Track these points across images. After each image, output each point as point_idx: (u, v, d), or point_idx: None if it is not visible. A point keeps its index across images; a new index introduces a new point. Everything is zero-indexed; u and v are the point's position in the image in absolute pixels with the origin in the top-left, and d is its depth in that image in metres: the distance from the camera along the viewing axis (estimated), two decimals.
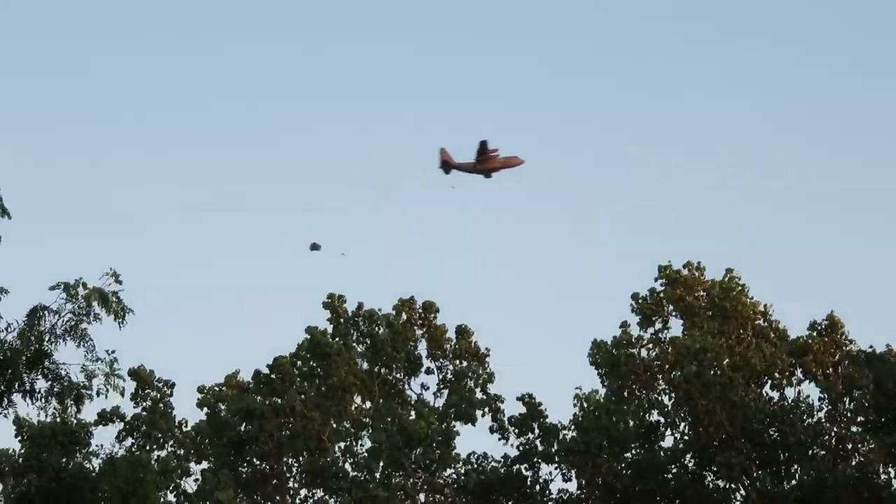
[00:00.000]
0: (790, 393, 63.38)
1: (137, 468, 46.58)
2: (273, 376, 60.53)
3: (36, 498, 45.17)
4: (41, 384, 36.15)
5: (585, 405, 60.98)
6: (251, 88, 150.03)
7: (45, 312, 35.56)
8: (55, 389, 35.77)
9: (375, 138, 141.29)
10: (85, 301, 35.18)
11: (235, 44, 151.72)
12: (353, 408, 61.75)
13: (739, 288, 65.30)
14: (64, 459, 48.72)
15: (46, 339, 35.64)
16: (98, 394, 35.61)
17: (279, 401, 59.63)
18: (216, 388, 62.75)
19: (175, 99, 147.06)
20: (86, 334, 35.32)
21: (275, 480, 60.56)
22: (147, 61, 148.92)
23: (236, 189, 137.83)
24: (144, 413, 61.71)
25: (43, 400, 36.05)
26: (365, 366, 63.19)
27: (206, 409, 62.05)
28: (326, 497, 59.70)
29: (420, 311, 64.71)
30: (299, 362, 61.79)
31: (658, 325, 65.34)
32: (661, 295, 65.34)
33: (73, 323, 35.43)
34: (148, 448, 58.99)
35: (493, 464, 61.83)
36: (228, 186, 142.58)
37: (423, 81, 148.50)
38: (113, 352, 35.60)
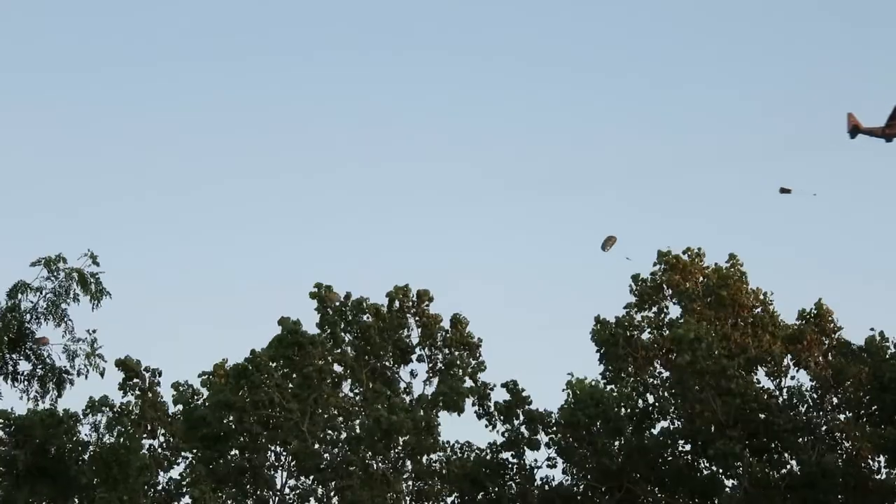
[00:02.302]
0: (784, 381, 63.34)
1: (124, 451, 46.84)
2: (250, 368, 59.39)
3: (22, 472, 45.33)
4: (24, 366, 36.25)
5: (577, 392, 60.81)
6: (252, 89, 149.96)
7: (27, 290, 35.57)
8: (38, 372, 35.76)
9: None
10: (65, 276, 35.15)
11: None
12: (341, 395, 61.40)
13: (739, 276, 65.00)
14: (54, 450, 48.91)
15: (28, 318, 35.64)
16: (79, 374, 35.71)
17: (257, 393, 58.78)
18: (190, 385, 62.11)
19: (175, 99, 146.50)
20: (65, 314, 35.31)
21: (251, 473, 59.72)
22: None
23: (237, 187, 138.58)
24: (134, 401, 61.52)
25: (25, 382, 36.08)
26: (353, 354, 62.86)
27: (180, 406, 61.47)
28: (311, 487, 59.35)
29: (413, 299, 64.43)
30: (273, 355, 60.64)
31: (655, 310, 65.08)
32: (660, 280, 65.14)
33: (53, 301, 35.41)
34: (138, 436, 58.52)
35: (476, 452, 61.85)
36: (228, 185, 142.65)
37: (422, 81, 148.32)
38: (94, 331, 35.66)
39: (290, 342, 59.57)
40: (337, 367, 62.11)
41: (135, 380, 62.20)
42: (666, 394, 63.11)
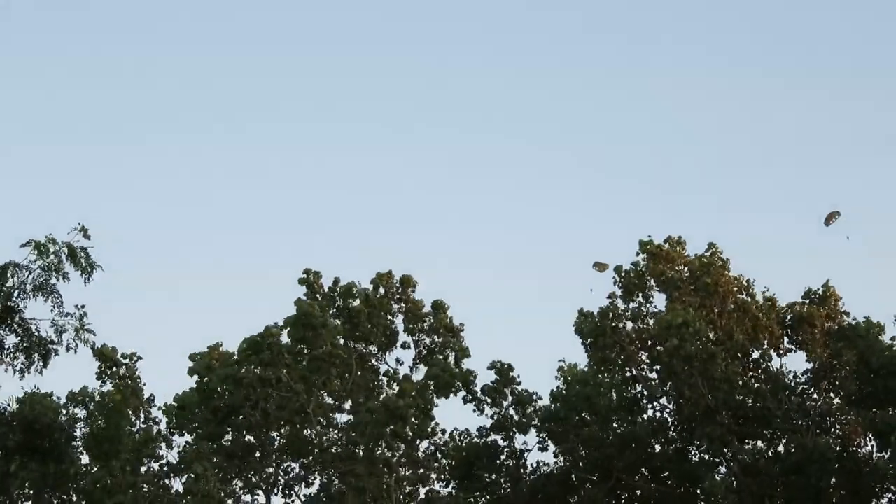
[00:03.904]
0: (776, 364, 63.07)
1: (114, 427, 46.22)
2: (262, 343, 59.01)
3: (11, 447, 44.65)
4: (10, 340, 35.52)
5: (569, 378, 60.28)
6: (251, 90, 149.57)
7: (17, 270, 34.89)
8: (23, 344, 35.04)
9: None
10: (54, 255, 34.48)
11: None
12: (334, 381, 60.76)
13: (721, 263, 64.51)
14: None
15: (16, 294, 34.93)
16: (68, 349, 34.95)
17: (266, 371, 58.19)
18: (201, 358, 61.67)
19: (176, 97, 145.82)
20: (54, 289, 34.60)
21: (258, 453, 59.24)
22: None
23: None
24: (113, 390, 60.40)
25: (11, 356, 35.37)
26: (341, 341, 62.25)
27: (195, 377, 61.01)
28: (304, 472, 58.63)
29: (397, 285, 63.86)
30: (286, 334, 60.23)
31: (640, 300, 64.48)
32: (643, 269, 64.62)
33: (42, 279, 34.72)
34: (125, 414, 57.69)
35: (474, 439, 61.36)
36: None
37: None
38: (83, 306, 34.95)
39: (303, 324, 59.00)
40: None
41: (113, 368, 61.08)
42: (653, 384, 62.63)
